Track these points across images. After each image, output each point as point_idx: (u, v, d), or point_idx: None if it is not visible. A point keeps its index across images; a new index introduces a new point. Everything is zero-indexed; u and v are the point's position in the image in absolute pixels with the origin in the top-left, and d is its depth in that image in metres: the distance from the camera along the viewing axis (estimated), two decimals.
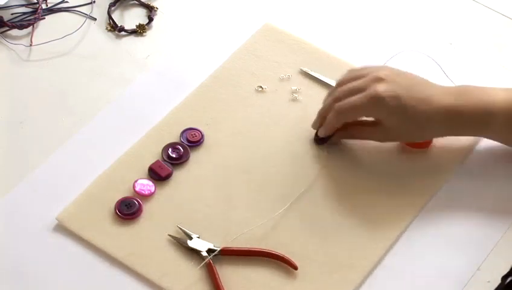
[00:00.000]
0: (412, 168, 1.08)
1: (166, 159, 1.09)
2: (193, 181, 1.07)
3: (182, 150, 1.09)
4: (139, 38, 1.25)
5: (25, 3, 1.28)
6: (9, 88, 1.19)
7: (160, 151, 1.09)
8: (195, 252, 1.00)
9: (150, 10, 1.28)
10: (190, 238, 1.01)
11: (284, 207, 1.03)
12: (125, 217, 1.03)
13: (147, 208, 1.05)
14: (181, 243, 1.01)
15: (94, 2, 1.28)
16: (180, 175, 1.08)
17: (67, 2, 1.29)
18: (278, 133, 1.12)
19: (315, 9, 1.28)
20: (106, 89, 1.18)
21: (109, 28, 1.26)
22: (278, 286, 0.98)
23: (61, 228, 1.03)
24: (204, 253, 1.00)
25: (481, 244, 1.01)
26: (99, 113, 1.15)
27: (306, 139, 1.11)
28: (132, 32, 1.25)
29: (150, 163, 1.08)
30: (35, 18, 1.25)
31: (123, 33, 1.25)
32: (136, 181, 1.06)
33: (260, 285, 0.98)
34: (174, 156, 1.09)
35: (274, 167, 1.08)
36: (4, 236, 1.03)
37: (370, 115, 1.07)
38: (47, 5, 1.28)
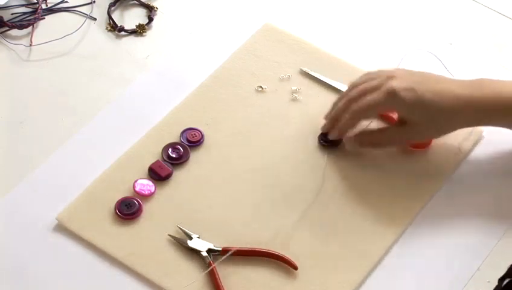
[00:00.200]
0: (413, 168, 1.08)
1: (166, 159, 1.09)
2: (193, 181, 1.07)
3: (182, 150, 1.09)
4: (139, 38, 1.25)
5: (25, 3, 1.28)
6: (9, 88, 1.19)
7: (160, 151, 1.09)
8: (195, 252, 1.00)
9: (150, 10, 1.28)
10: (190, 238, 1.01)
11: (296, 216, 1.03)
12: (125, 217, 1.03)
13: (147, 208, 1.05)
14: (181, 243, 1.01)
15: (94, 2, 1.28)
16: (180, 175, 1.08)
17: (67, 2, 1.29)
18: (278, 133, 1.12)
19: (315, 9, 1.28)
20: (106, 89, 1.18)
21: (109, 28, 1.26)
22: (278, 286, 0.98)
23: (61, 228, 1.03)
24: (204, 253, 1.00)
25: (481, 244, 1.01)
26: (99, 113, 1.15)
27: (306, 139, 1.11)
28: (132, 32, 1.25)
29: (150, 163, 1.08)
30: (35, 18, 1.25)
31: (123, 33, 1.25)
32: (136, 181, 1.06)
33: (260, 285, 0.98)
34: (174, 156, 1.09)
35: (274, 167, 1.08)
36: (4, 236, 1.03)
37: (388, 111, 1.08)
38: (47, 5, 1.28)
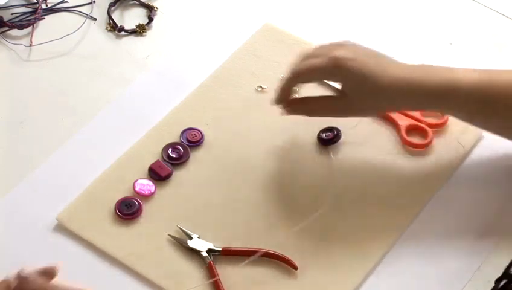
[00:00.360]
0: (413, 168, 1.08)
1: (166, 159, 1.09)
2: (193, 181, 1.07)
3: (182, 150, 1.09)
4: (139, 38, 1.25)
5: (25, 3, 1.28)
6: (9, 88, 1.19)
7: (160, 151, 1.09)
8: (195, 252, 1.00)
9: (150, 10, 1.28)
10: (190, 238, 1.01)
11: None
12: (125, 217, 1.03)
13: (147, 208, 1.05)
14: (181, 243, 1.01)
15: (94, 2, 1.28)
16: (180, 175, 1.08)
17: (67, 2, 1.29)
18: (278, 133, 1.12)
19: (315, 9, 1.28)
20: (106, 89, 1.18)
21: (109, 28, 1.26)
22: (278, 286, 0.98)
23: (61, 228, 1.03)
24: (204, 253, 1.00)
25: (481, 243, 1.01)
26: (99, 113, 1.15)
27: (306, 139, 1.11)
28: (132, 32, 1.25)
29: (150, 163, 1.08)
30: (35, 18, 1.25)
31: (123, 33, 1.25)
32: (136, 181, 1.06)
33: (260, 285, 0.98)
34: (174, 156, 1.09)
35: (274, 167, 1.08)
36: (4, 236, 1.03)
37: (329, 79, 1.06)
38: (47, 5, 1.28)
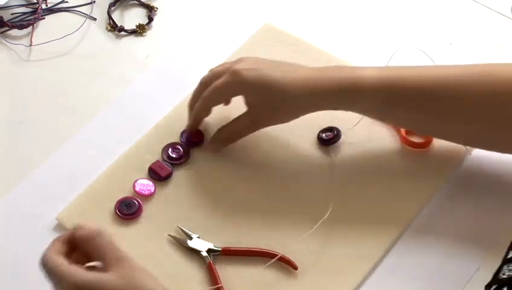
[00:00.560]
0: (413, 168, 1.08)
1: (166, 159, 1.09)
2: (193, 181, 1.07)
3: (182, 150, 1.09)
4: (139, 38, 1.25)
5: (25, 3, 1.28)
6: (9, 88, 1.19)
7: (160, 151, 1.09)
8: (195, 252, 1.00)
9: (150, 10, 1.28)
10: (190, 238, 1.01)
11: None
12: (125, 217, 1.03)
13: (147, 208, 1.05)
14: (181, 243, 1.01)
15: (94, 2, 1.28)
16: (180, 175, 1.08)
17: (67, 2, 1.29)
18: (278, 132, 1.11)
19: (315, 9, 1.28)
20: (106, 89, 1.18)
21: (109, 28, 1.26)
22: (278, 286, 0.98)
23: (61, 228, 1.03)
24: (204, 253, 1.00)
25: (481, 243, 1.01)
26: (99, 113, 1.15)
27: (307, 138, 1.11)
28: (132, 32, 1.25)
29: (150, 163, 1.08)
30: (35, 18, 1.25)
31: (123, 33, 1.25)
32: (136, 181, 1.06)
33: (260, 285, 0.98)
34: (174, 156, 1.09)
35: (274, 167, 1.08)
36: (4, 236, 1.03)
37: (233, 93, 1.06)
38: (47, 5, 1.28)
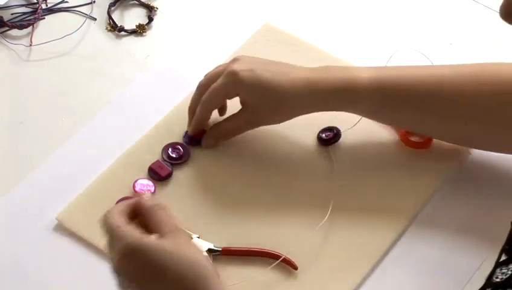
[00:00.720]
0: (413, 168, 1.08)
1: (166, 159, 1.09)
2: (193, 181, 1.07)
3: (182, 150, 1.09)
4: (139, 38, 1.25)
5: (25, 3, 1.28)
6: (9, 88, 1.19)
7: (160, 151, 1.09)
8: None
9: (150, 10, 1.28)
10: (190, 238, 1.01)
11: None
12: None
13: None
14: None
15: (94, 2, 1.28)
16: (180, 175, 1.08)
17: (67, 2, 1.29)
18: (278, 132, 1.11)
19: (315, 9, 1.28)
20: (106, 89, 1.18)
21: (109, 28, 1.26)
22: (278, 286, 0.98)
23: (61, 228, 1.03)
24: (204, 253, 1.00)
25: (482, 243, 1.01)
26: (99, 113, 1.15)
27: (307, 138, 1.11)
28: (132, 32, 1.25)
29: (150, 163, 1.08)
30: (35, 18, 1.25)
31: (123, 33, 1.25)
32: (136, 181, 1.06)
33: (260, 285, 0.98)
34: (174, 156, 1.09)
35: (274, 166, 1.08)
36: (4, 236, 1.03)
37: (231, 94, 1.07)
38: (47, 5, 1.28)
